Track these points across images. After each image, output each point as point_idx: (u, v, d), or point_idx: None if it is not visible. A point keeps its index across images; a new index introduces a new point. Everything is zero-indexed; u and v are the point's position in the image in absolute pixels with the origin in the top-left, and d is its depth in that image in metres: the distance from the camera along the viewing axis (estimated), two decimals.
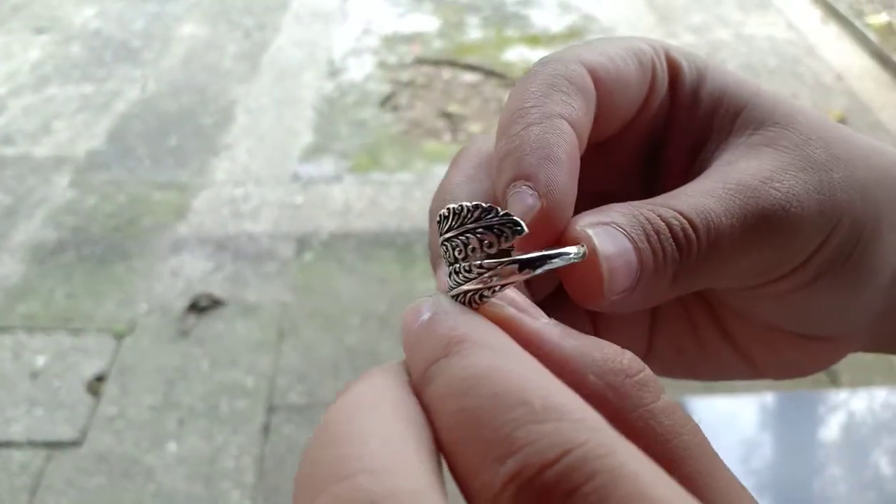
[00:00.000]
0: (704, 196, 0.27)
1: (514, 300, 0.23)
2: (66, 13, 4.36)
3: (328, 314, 2.32)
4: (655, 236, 0.26)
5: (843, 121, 3.26)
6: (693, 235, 0.27)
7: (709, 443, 0.21)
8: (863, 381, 1.81)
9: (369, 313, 2.31)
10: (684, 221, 0.27)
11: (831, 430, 1.23)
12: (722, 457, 0.20)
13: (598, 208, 0.27)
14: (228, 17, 4.30)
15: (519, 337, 0.22)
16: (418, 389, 0.20)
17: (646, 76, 0.30)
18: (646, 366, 0.22)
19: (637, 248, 0.26)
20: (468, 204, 0.23)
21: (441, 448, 0.19)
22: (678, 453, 0.20)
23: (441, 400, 0.19)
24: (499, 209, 0.23)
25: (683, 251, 0.27)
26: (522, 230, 0.22)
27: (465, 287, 0.23)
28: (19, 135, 3.23)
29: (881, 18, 4.10)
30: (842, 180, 0.29)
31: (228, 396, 2.06)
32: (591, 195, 0.32)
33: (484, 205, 0.23)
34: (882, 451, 1.16)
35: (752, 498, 0.21)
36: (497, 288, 0.23)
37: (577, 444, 0.17)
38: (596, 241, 0.25)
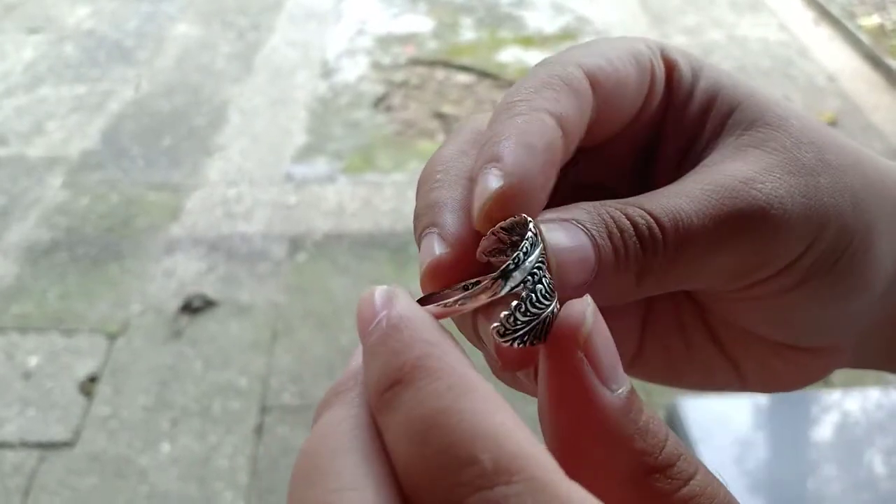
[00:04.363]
0: (678, 196, 0.28)
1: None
2: (60, 13, 4.34)
3: (322, 315, 2.32)
4: (619, 234, 0.26)
5: (835, 122, 3.27)
6: (659, 234, 0.27)
7: None
8: (855, 381, 1.81)
9: None
10: (650, 220, 0.27)
11: (825, 430, 1.23)
12: (716, 457, 0.20)
13: (566, 206, 0.27)
14: (222, 17, 4.29)
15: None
16: (374, 410, 0.20)
17: (644, 78, 0.30)
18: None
19: (595, 244, 0.26)
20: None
21: (398, 480, 0.20)
22: None
23: (396, 440, 0.19)
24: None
25: (648, 249, 0.27)
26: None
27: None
28: (12, 135, 3.22)
29: (873, 20, 4.12)
30: (829, 185, 0.29)
31: (222, 397, 2.06)
32: (591, 189, 0.32)
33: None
34: (875, 451, 1.17)
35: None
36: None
37: None
38: (546, 234, 0.25)
